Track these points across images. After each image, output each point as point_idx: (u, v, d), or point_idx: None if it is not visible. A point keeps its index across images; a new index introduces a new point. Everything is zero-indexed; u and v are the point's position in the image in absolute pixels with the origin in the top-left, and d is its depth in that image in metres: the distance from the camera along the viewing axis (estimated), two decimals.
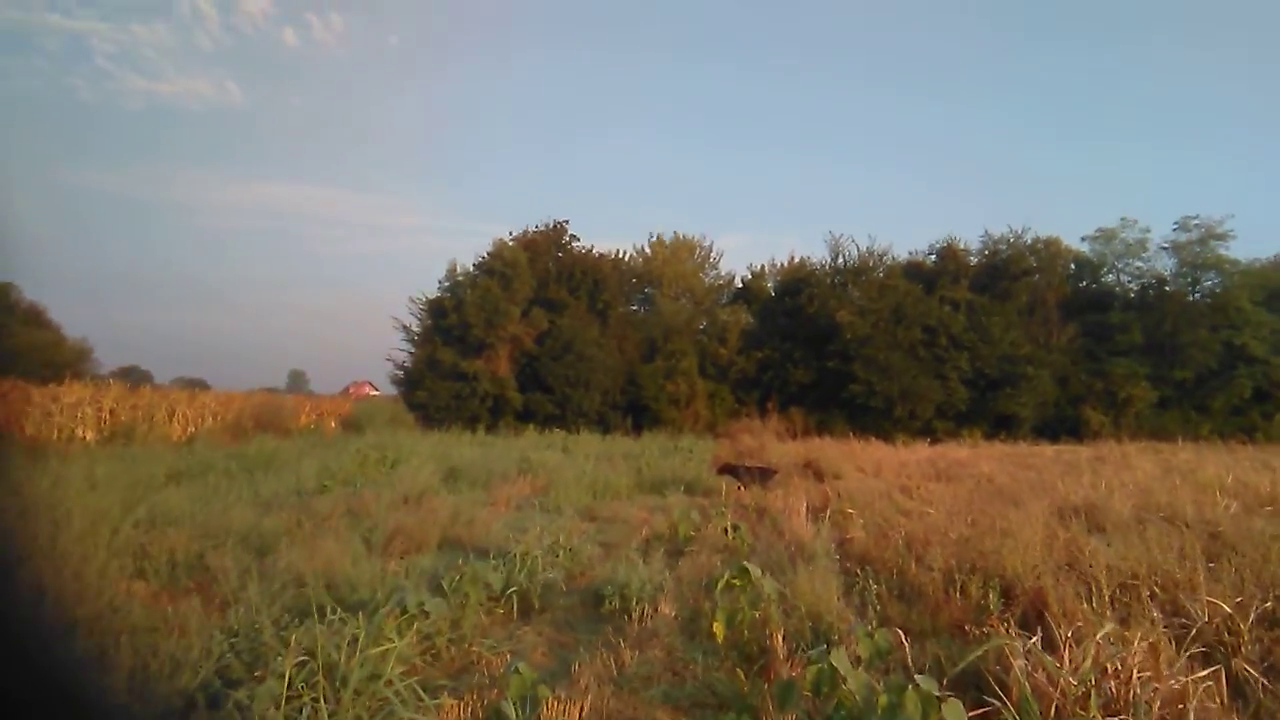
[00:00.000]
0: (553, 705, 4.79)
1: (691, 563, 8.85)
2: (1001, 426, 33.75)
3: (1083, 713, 4.36)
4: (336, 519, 10.39)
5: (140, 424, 23.28)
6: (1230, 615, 5.88)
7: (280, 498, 12.18)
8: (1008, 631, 5.66)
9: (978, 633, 5.97)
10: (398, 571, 7.78)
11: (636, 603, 7.13)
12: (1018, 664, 4.69)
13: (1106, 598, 6.37)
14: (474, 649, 6.17)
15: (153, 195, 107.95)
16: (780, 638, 5.86)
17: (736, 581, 6.11)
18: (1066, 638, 4.95)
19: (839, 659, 4.25)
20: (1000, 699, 4.51)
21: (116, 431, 22.46)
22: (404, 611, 5.89)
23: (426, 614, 5.98)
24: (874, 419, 33.21)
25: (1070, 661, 4.67)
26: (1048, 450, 27.63)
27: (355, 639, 4.91)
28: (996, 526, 10.46)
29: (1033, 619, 6.00)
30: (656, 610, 7.03)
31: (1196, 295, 36.21)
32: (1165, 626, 5.68)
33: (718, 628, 5.87)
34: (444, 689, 5.15)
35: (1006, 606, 6.48)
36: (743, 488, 15.51)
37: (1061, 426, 33.99)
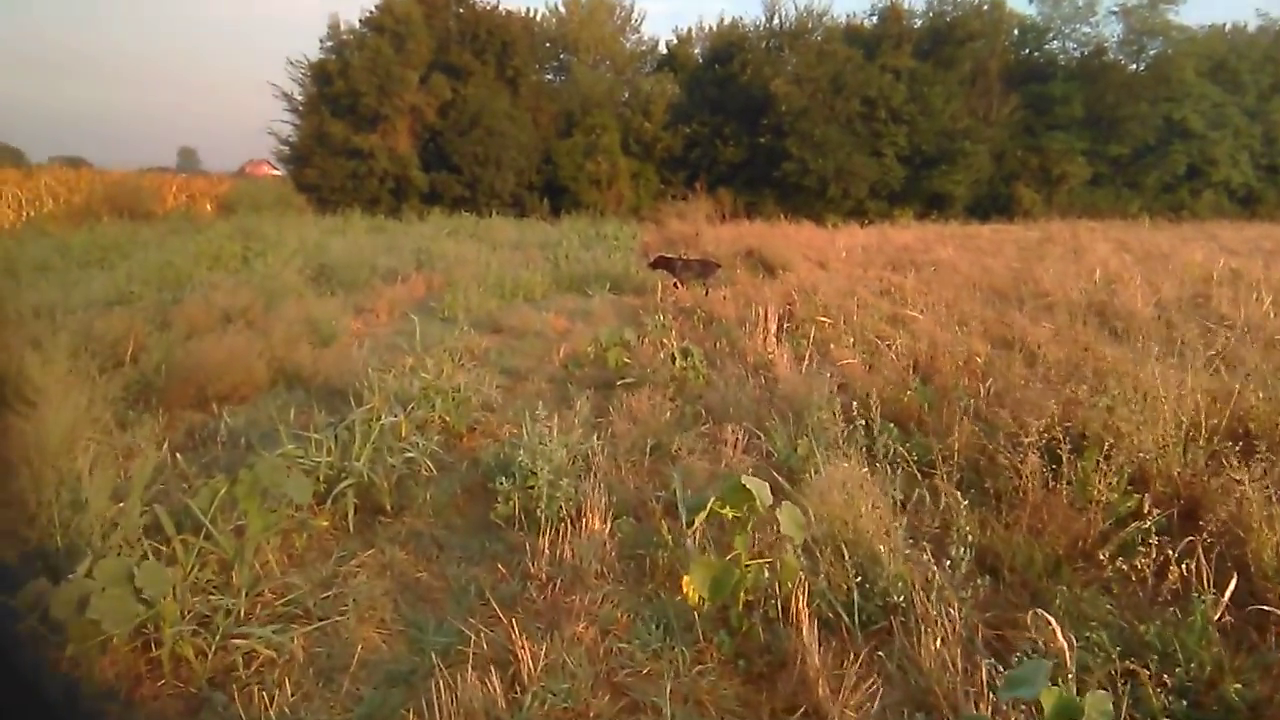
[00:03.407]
0: None
1: (629, 413, 5.94)
2: (934, 206, 31.11)
3: None
4: (108, 348, 7.04)
5: None
6: None
7: (67, 308, 8.65)
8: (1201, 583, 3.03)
9: (1124, 571, 3.31)
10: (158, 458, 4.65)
11: (547, 502, 4.25)
12: None
13: None
14: (241, 639, 3.22)
15: None
16: (807, 614, 3.07)
17: (726, 510, 3.21)
18: None
19: None
20: None
21: None
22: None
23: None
24: (806, 199, 30.05)
25: None
26: (984, 230, 25.30)
27: None
28: (1019, 338, 7.86)
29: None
30: (580, 520, 4.17)
31: (1140, 65, 33.12)
32: None
33: (690, 589, 3.06)
34: None
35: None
36: (680, 285, 12.55)
37: (994, 205, 31.55)
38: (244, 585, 3.49)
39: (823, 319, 8.71)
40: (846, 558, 3.27)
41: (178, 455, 4.89)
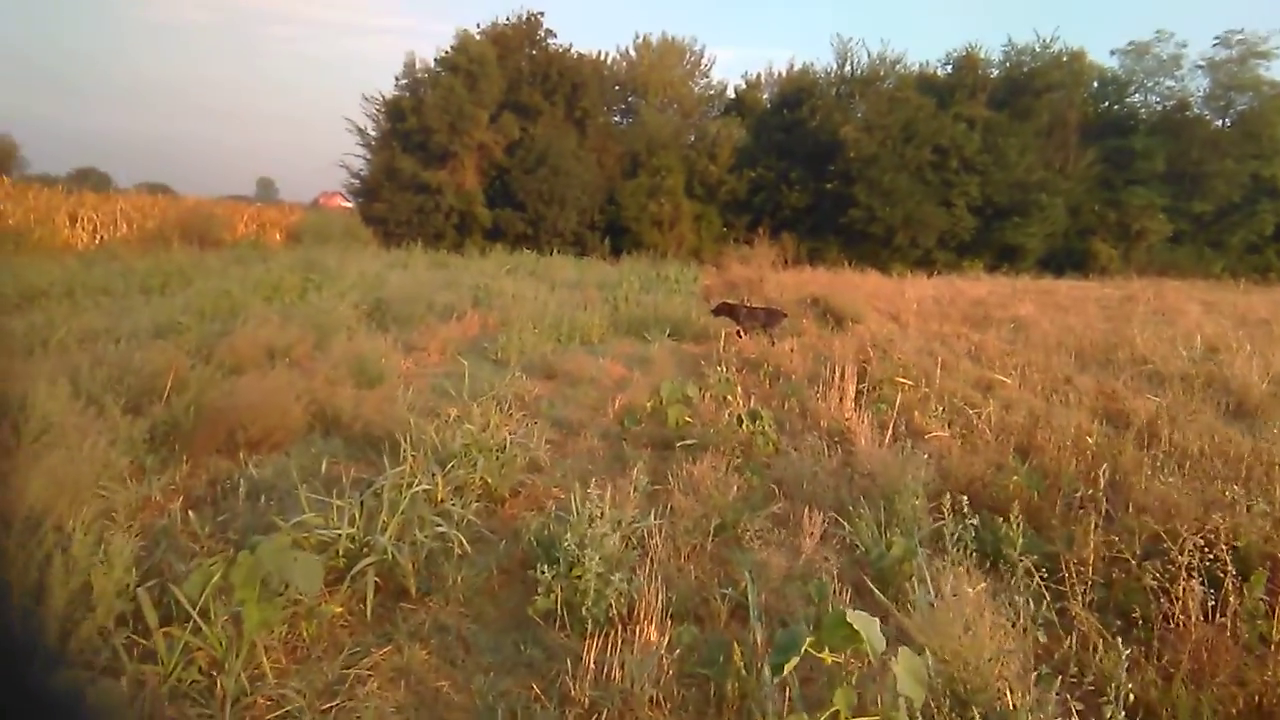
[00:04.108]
0: None
1: (690, 482, 5.25)
2: (1005, 258, 29.87)
3: None
4: (144, 382, 6.62)
5: (34, 228, 18.96)
6: None
7: (114, 335, 8.34)
8: None
9: None
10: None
11: (594, 599, 3.59)
12: None
13: None
14: None
15: None
16: None
17: (825, 654, 2.50)
18: None
19: None
20: None
21: (3, 235, 18.17)
22: None
23: None
24: (871, 248, 29.12)
25: None
26: (1061, 286, 24.09)
27: None
28: (1128, 413, 6.99)
29: None
30: (632, 621, 3.50)
31: (1227, 120, 31.54)
32: None
33: None
34: None
35: None
36: (743, 333, 11.86)
37: (1068, 260, 30.17)
38: (231, 693, 2.91)
39: (902, 380, 7.92)
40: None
41: (190, 514, 4.39)
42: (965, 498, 4.29)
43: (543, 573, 3.71)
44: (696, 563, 4.29)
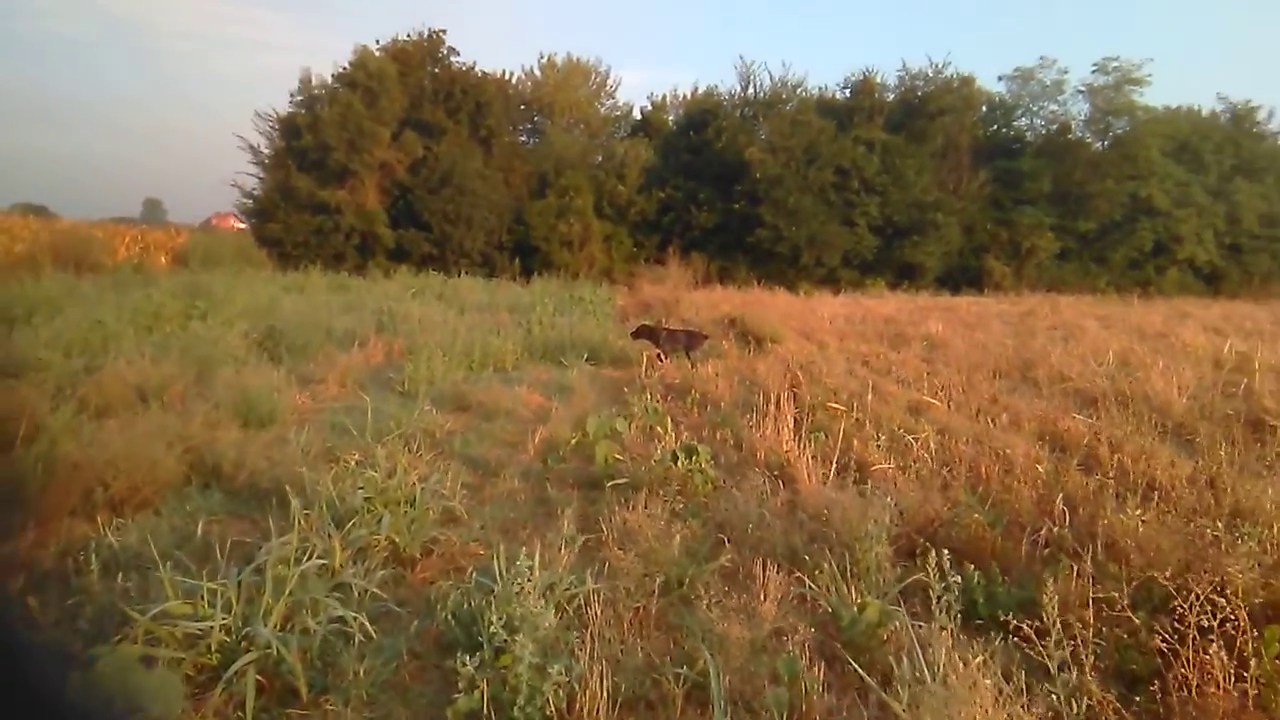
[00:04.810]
0: None
1: (625, 531, 4.68)
2: (905, 276, 30.61)
3: None
4: None
5: None
6: None
7: None
8: None
9: None
10: None
11: (527, 696, 2.97)
12: None
13: None
14: None
15: None
16: None
17: None
18: None
19: None
20: None
21: None
22: None
23: None
24: (779, 266, 29.33)
25: None
26: (961, 302, 24.70)
27: None
28: (1059, 434, 6.82)
29: None
30: (574, 718, 2.90)
31: (1105, 143, 33.26)
32: None
33: None
34: None
35: None
36: (664, 357, 11.39)
37: (963, 276, 31.16)
38: None
39: (835, 405, 7.57)
40: None
41: (29, 599, 3.58)
42: (925, 541, 3.90)
43: (464, 663, 3.07)
44: (642, 633, 3.72)
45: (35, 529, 4.63)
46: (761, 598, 3.87)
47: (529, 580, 3.39)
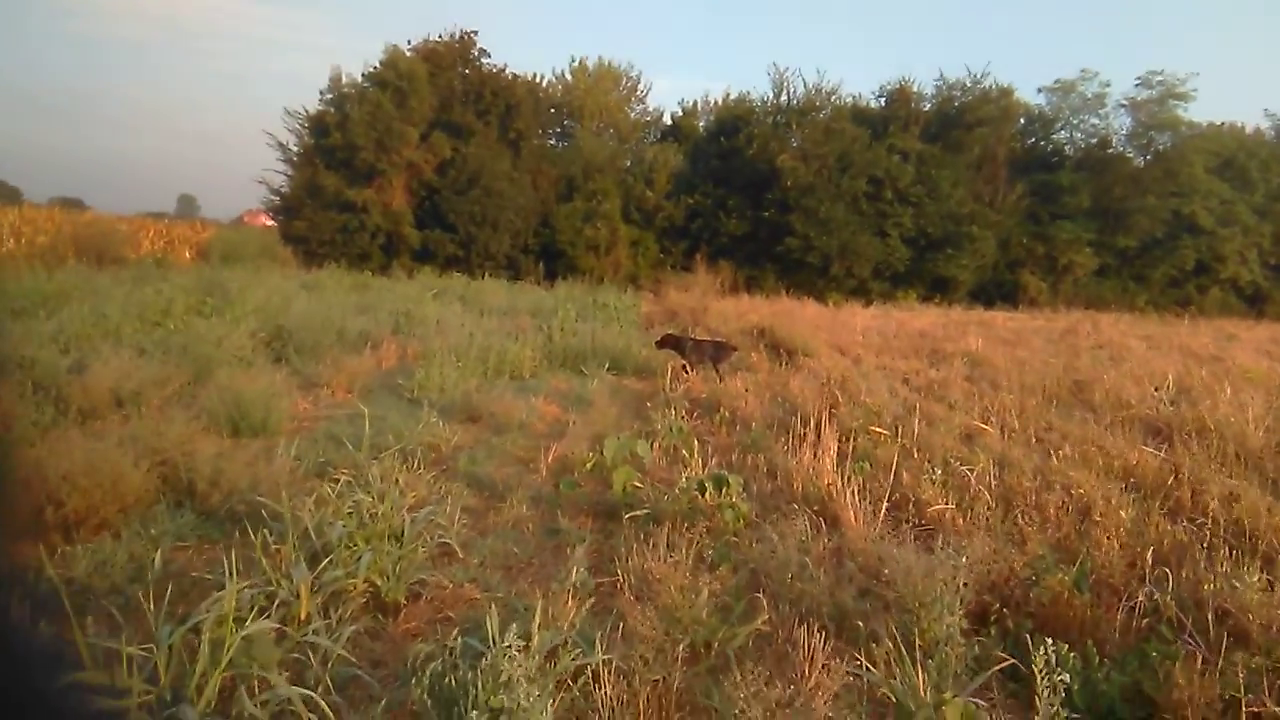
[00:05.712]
0: None
1: (645, 579, 3.99)
2: (937, 289, 29.65)
3: None
4: None
5: None
6: None
7: None
8: None
9: None
10: None
11: None
12: None
13: None
14: None
15: None
16: None
17: None
18: None
19: None
20: None
21: None
22: None
23: None
24: (808, 276, 28.53)
25: None
26: (998, 318, 23.76)
27: None
28: (1134, 470, 6.04)
29: None
30: None
31: (1147, 158, 32.06)
32: None
33: None
34: None
35: None
36: (690, 369, 10.69)
37: (997, 291, 30.15)
38: None
39: (878, 430, 6.83)
40: None
41: None
42: (1000, 606, 3.18)
43: None
44: (661, 716, 3.02)
45: None
46: (806, 673, 3.16)
47: (525, 653, 2.72)
